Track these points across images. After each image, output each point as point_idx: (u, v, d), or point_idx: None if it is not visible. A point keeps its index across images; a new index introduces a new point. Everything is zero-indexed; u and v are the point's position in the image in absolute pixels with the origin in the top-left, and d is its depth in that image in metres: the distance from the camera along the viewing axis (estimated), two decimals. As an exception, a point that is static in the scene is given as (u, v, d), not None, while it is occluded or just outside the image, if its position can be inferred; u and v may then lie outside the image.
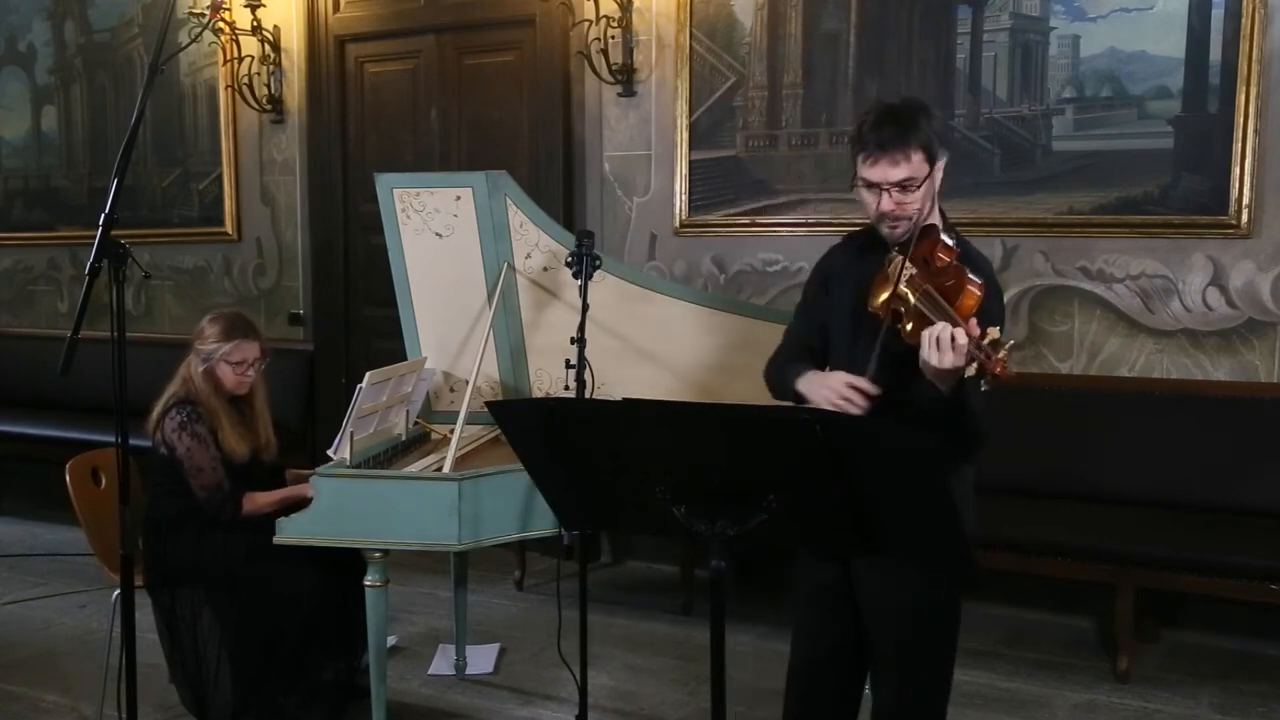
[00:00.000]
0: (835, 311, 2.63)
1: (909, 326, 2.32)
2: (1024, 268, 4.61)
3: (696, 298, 4.01)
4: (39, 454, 5.96)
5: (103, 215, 2.70)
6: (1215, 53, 4.22)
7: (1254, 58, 4.14)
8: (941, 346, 2.18)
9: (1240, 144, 4.18)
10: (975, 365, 2.15)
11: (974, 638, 4.39)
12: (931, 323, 2.24)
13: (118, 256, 2.74)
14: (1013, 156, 4.57)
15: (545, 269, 3.86)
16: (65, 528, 5.61)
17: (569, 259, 3.41)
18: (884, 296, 2.40)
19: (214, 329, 3.61)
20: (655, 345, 3.86)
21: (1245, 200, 4.21)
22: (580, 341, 3.30)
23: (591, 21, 5.08)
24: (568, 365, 3.37)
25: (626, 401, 2.09)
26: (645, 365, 3.86)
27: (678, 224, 5.18)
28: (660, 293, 3.87)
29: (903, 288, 2.36)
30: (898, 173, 2.42)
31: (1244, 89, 4.16)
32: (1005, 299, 4.52)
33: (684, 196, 5.15)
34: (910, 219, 2.45)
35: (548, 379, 3.98)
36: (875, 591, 2.54)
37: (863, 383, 2.39)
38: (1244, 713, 3.81)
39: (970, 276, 2.34)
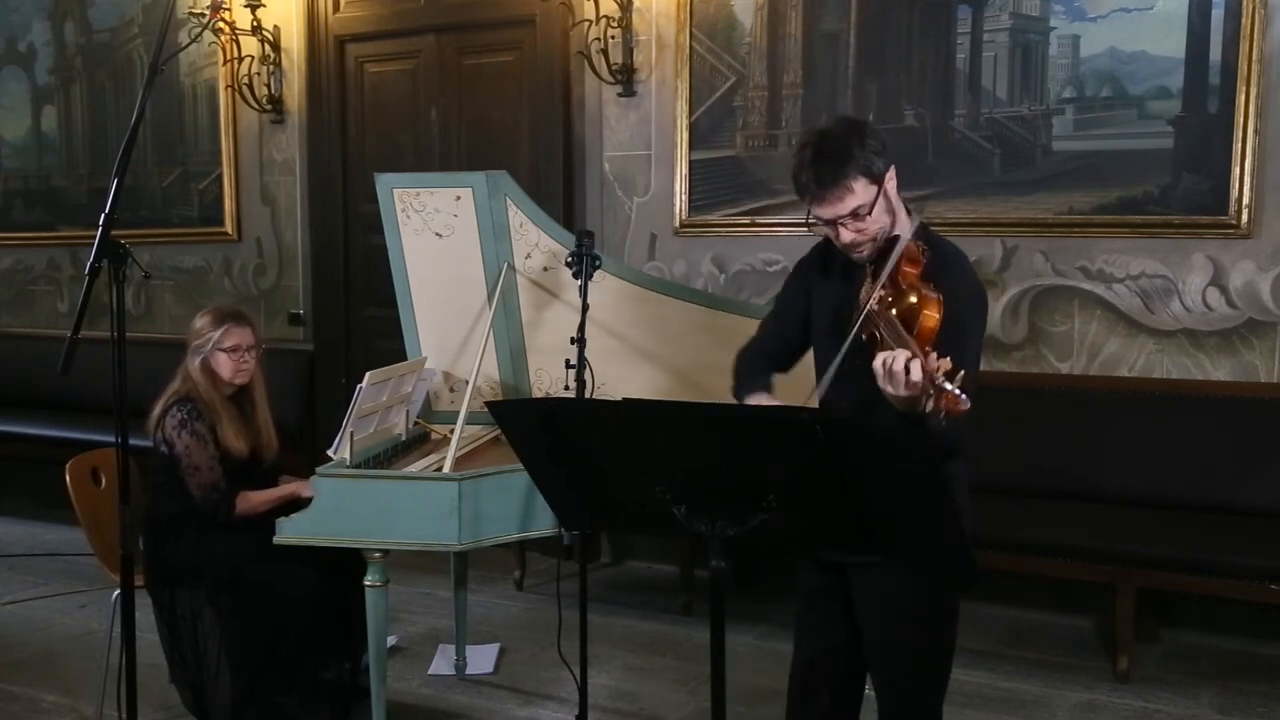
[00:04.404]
0: (816, 322, 2.63)
1: (876, 349, 2.32)
2: (1024, 268, 4.61)
3: (696, 298, 4.00)
4: (39, 454, 5.96)
5: (103, 215, 2.70)
6: (1215, 53, 4.22)
7: (1254, 58, 4.14)
8: (894, 378, 2.13)
9: (1240, 144, 4.18)
10: (931, 401, 2.10)
11: (974, 638, 4.39)
12: (892, 349, 2.21)
13: (118, 256, 2.75)
14: (1013, 156, 4.57)
15: (545, 269, 3.86)
16: (65, 528, 5.61)
17: (569, 259, 3.40)
18: (857, 319, 2.38)
19: (204, 320, 3.63)
20: (655, 345, 3.86)
21: (1245, 200, 4.21)
22: (580, 341, 3.30)
23: (591, 21, 5.08)
24: (568, 365, 3.37)
25: (626, 401, 2.09)
26: (645, 365, 3.86)
27: (678, 224, 5.18)
28: (660, 293, 3.87)
29: (873, 310, 2.35)
30: (846, 206, 2.39)
31: (1244, 89, 4.16)
32: (1005, 299, 4.62)
33: (684, 196, 5.15)
34: (874, 239, 2.43)
35: (548, 379, 3.98)
36: (870, 594, 2.53)
37: None
38: (1244, 713, 3.81)
39: (927, 295, 2.28)
